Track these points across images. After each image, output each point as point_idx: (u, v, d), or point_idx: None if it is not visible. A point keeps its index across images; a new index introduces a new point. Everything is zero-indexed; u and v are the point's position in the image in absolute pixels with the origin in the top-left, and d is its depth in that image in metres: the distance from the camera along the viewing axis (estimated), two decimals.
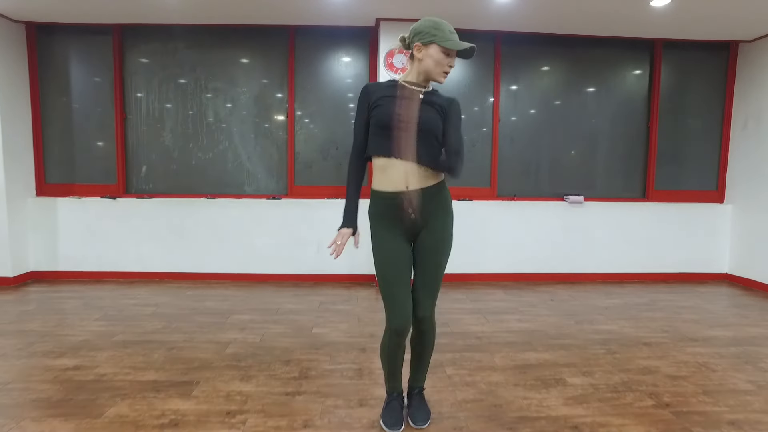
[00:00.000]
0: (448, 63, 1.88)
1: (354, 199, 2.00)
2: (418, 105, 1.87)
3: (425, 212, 1.91)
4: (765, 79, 4.62)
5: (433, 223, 1.94)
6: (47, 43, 4.64)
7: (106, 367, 2.65)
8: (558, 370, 2.71)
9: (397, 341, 1.94)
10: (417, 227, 1.93)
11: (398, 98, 1.87)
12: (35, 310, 3.68)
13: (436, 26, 1.85)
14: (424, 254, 1.95)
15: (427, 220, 1.92)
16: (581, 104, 5.00)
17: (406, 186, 1.87)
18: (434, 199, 1.92)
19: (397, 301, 1.89)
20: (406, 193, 1.87)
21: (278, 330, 3.32)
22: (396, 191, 1.88)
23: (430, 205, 1.91)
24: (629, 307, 4.00)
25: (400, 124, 1.83)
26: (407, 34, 1.93)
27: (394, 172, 1.87)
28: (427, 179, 1.89)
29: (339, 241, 1.95)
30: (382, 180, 1.90)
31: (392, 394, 2.12)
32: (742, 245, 4.90)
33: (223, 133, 4.80)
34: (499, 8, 4.03)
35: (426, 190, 1.89)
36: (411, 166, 1.86)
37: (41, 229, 4.65)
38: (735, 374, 2.68)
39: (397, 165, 1.86)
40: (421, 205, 1.89)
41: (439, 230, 1.95)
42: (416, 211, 1.89)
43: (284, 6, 4.08)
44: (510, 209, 4.83)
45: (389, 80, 1.98)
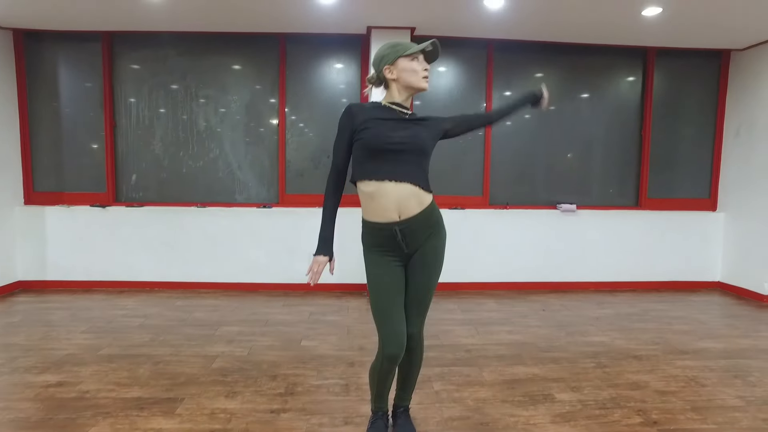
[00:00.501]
0: (422, 68, 1.88)
1: (330, 225, 1.96)
2: (409, 125, 1.86)
3: (418, 236, 1.88)
4: (757, 88, 4.62)
5: (426, 245, 1.90)
6: (35, 50, 4.61)
7: (90, 384, 2.61)
8: (547, 386, 2.69)
9: (389, 367, 1.90)
10: (411, 251, 1.89)
11: (388, 120, 1.85)
12: (21, 322, 3.64)
13: (393, 45, 1.88)
14: (416, 275, 1.91)
15: (420, 243, 1.89)
16: (574, 111, 4.99)
17: (398, 215, 1.82)
18: (427, 222, 1.88)
19: (391, 328, 1.86)
20: (399, 223, 1.83)
21: (266, 343, 3.29)
22: (389, 222, 1.83)
23: (423, 228, 1.88)
24: (621, 318, 3.99)
25: (395, 146, 1.81)
26: (369, 75, 1.97)
27: (384, 201, 1.82)
28: (419, 203, 1.85)
29: (315, 268, 1.92)
30: (373, 210, 1.85)
31: (377, 413, 2.09)
32: (734, 253, 4.89)
33: (213, 141, 4.77)
34: (491, 16, 4.01)
35: (418, 216, 1.85)
36: (405, 190, 1.82)
37: (29, 238, 4.61)
38: (724, 389, 2.66)
39: (390, 190, 1.81)
40: (414, 232, 1.86)
41: (431, 253, 1.91)
42: (409, 242, 1.86)
43: (275, 14, 4.05)
44: (502, 217, 4.82)
45: (373, 102, 1.95)
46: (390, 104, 1.90)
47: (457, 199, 4.82)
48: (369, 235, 1.90)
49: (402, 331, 1.87)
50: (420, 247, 1.89)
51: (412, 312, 1.94)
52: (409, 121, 1.88)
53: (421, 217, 1.86)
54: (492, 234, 4.80)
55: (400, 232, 1.83)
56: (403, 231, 1.83)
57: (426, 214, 1.88)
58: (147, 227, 4.65)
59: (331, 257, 1.96)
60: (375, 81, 1.96)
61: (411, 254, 1.91)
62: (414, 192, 1.83)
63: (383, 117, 1.86)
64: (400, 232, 1.83)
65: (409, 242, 1.86)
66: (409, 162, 1.83)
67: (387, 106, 1.90)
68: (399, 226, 1.83)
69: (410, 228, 1.84)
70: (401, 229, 1.83)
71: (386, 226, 1.84)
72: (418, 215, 1.85)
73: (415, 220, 1.84)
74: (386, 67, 1.88)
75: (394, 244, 1.86)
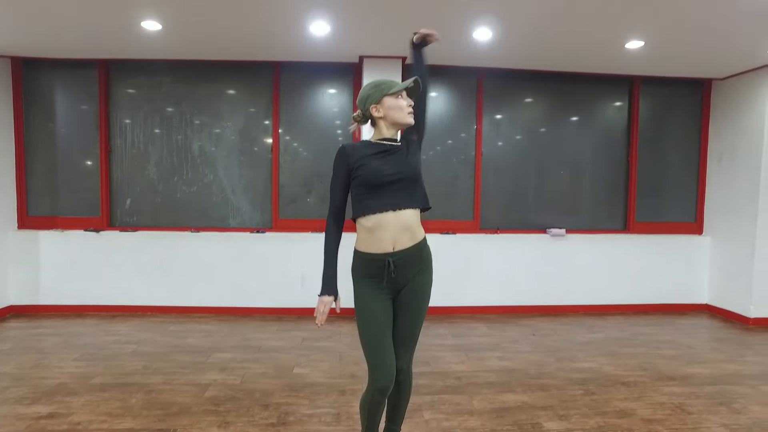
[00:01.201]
0: (407, 104, 1.97)
1: (333, 264, 2.00)
2: (401, 155, 1.96)
3: (408, 270, 1.94)
4: (737, 116, 4.75)
5: (414, 281, 1.97)
6: (33, 77, 4.67)
7: (82, 415, 2.62)
8: (535, 414, 2.73)
9: (380, 399, 1.95)
10: (399, 285, 1.96)
11: (381, 155, 1.94)
12: (11, 350, 3.64)
13: (377, 84, 1.98)
14: (404, 311, 1.97)
15: (410, 278, 1.95)
16: (563, 138, 5.10)
17: (392, 247, 1.90)
18: (418, 257, 1.96)
19: (381, 361, 1.90)
20: (392, 254, 1.90)
21: (259, 370, 3.31)
22: (382, 253, 1.90)
23: (414, 262, 1.95)
24: (610, 342, 4.04)
25: (391, 177, 1.90)
26: (355, 113, 2.06)
27: (382, 233, 1.90)
28: (412, 238, 1.93)
29: (321, 309, 1.97)
30: (369, 242, 1.92)
31: None
32: (720, 276, 4.98)
33: (208, 167, 4.83)
34: (480, 47, 4.12)
35: (411, 249, 1.93)
36: (404, 216, 1.90)
37: (22, 263, 4.62)
38: (709, 417, 2.71)
39: (390, 220, 1.89)
40: (404, 266, 1.92)
41: (419, 289, 1.98)
42: (399, 274, 1.92)
43: (270, 43, 4.15)
44: (493, 242, 4.88)
45: (363, 141, 2.03)
46: (381, 140, 1.98)
47: (448, 224, 4.89)
48: (361, 266, 1.96)
49: (392, 362, 1.92)
50: (408, 282, 1.95)
51: (400, 347, 1.98)
52: (399, 150, 1.98)
53: (413, 251, 1.93)
54: (483, 258, 4.86)
55: (393, 263, 1.89)
56: (396, 262, 1.90)
57: (417, 249, 1.95)
58: (141, 252, 4.67)
59: (336, 296, 2.01)
60: (361, 119, 2.05)
61: (399, 290, 1.96)
62: (405, 223, 1.91)
63: (376, 152, 1.95)
64: (392, 263, 1.89)
65: (399, 274, 1.92)
66: (407, 189, 1.93)
67: (377, 143, 1.98)
68: (392, 257, 1.89)
69: (402, 260, 1.91)
70: (394, 261, 1.89)
71: (379, 257, 1.90)
72: (410, 248, 1.92)
73: (407, 252, 1.92)
74: (373, 106, 1.97)
75: (383, 274, 1.91)
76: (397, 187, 1.90)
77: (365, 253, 1.94)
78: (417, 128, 2.07)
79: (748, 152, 4.63)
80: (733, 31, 3.59)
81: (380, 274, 1.92)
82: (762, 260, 4.53)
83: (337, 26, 3.68)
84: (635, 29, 3.65)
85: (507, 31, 3.74)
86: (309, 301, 4.67)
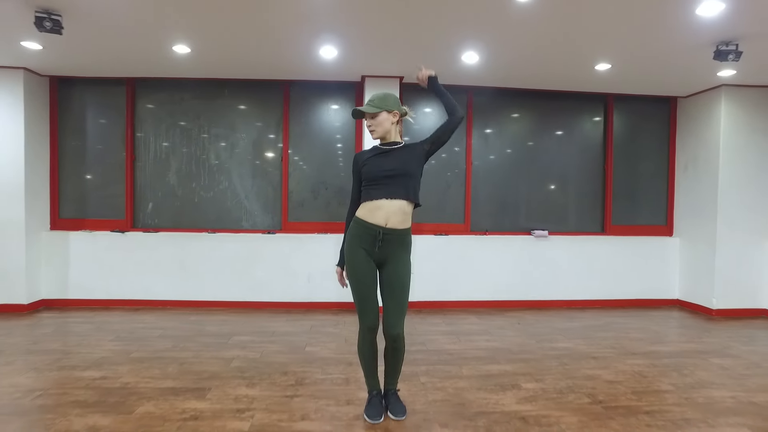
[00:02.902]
0: (367, 125, 2.55)
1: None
2: (397, 155, 2.50)
3: (390, 250, 2.47)
4: (698, 130, 5.32)
5: (394, 259, 2.49)
6: (67, 94, 5.19)
7: (129, 378, 3.07)
8: (515, 378, 3.20)
9: (370, 338, 2.48)
10: (382, 258, 2.48)
11: (380, 155, 2.49)
12: (54, 333, 4.09)
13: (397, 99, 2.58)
14: (391, 280, 2.48)
15: (390, 257, 2.48)
16: (546, 150, 5.65)
17: (385, 223, 2.43)
18: (401, 240, 2.49)
19: (367, 305, 2.46)
20: (384, 229, 2.43)
21: (275, 348, 3.77)
22: (376, 225, 2.43)
23: (396, 245, 2.47)
24: (586, 329, 4.52)
25: (387, 173, 2.44)
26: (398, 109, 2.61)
27: (379, 212, 2.44)
28: (402, 222, 2.46)
29: (338, 277, 2.62)
30: (369, 215, 2.46)
31: (372, 392, 2.60)
32: (688, 274, 5.49)
33: (223, 174, 5.33)
34: (469, 68, 4.67)
35: (397, 231, 2.45)
36: (396, 204, 2.43)
37: (54, 261, 5.07)
38: (661, 379, 3.19)
39: (385, 204, 2.43)
40: (389, 241, 2.44)
41: (400, 264, 2.50)
42: (382, 245, 2.44)
43: (281, 64, 4.68)
44: (482, 243, 5.39)
45: (369, 148, 2.60)
46: (383, 144, 2.54)
47: (442, 227, 5.40)
48: (357, 228, 2.49)
49: (374, 309, 2.47)
50: (389, 257, 2.48)
51: (393, 316, 2.46)
52: (396, 151, 2.51)
53: (399, 233, 2.47)
54: (473, 257, 5.36)
55: (382, 234, 2.42)
56: (384, 236, 2.43)
57: (402, 234, 2.49)
58: (161, 251, 5.14)
59: (343, 267, 2.60)
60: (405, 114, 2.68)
61: (382, 263, 2.49)
62: (398, 208, 2.44)
63: (377, 153, 2.53)
64: (381, 234, 2.42)
65: (382, 246, 2.45)
66: (399, 181, 2.46)
67: (379, 147, 2.57)
68: (383, 230, 2.42)
69: (389, 236, 2.44)
70: (383, 233, 2.42)
71: (373, 227, 2.44)
72: (397, 230, 2.46)
73: (395, 232, 2.45)
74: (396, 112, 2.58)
75: (372, 243, 2.44)
76: (392, 180, 2.45)
77: (364, 221, 2.46)
78: (435, 142, 2.57)
79: (707, 161, 5.19)
80: (687, 58, 4.15)
81: (368, 241, 2.44)
82: (722, 258, 5.05)
83: (342, 49, 4.22)
84: (602, 54, 4.21)
85: (492, 55, 4.29)
86: (315, 296, 5.16)
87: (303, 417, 2.56)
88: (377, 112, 2.49)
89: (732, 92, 5.00)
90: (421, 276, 5.08)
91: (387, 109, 2.50)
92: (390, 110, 2.51)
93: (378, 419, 2.51)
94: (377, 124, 2.50)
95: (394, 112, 2.52)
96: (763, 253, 5.12)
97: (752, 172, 5.07)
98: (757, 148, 5.07)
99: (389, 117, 2.51)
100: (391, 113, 2.52)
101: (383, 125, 2.51)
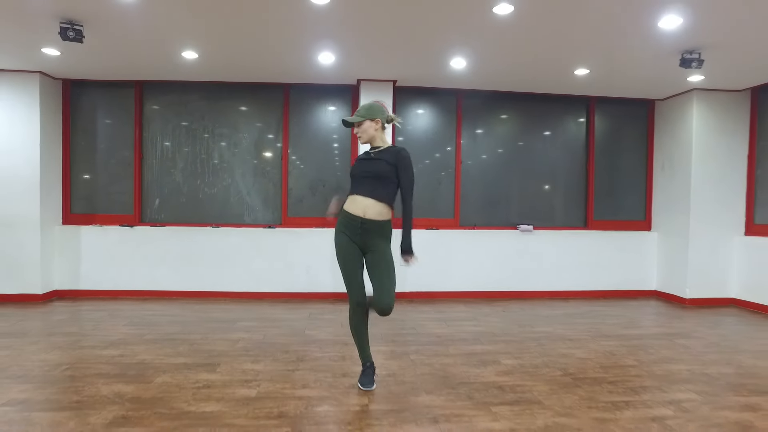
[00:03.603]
0: (354, 131, 2.94)
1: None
2: (376, 161, 2.84)
3: (370, 239, 2.80)
4: (674, 131, 5.67)
5: (375, 247, 2.81)
6: (79, 96, 5.49)
7: (145, 355, 3.38)
8: (496, 356, 3.53)
9: (359, 311, 2.84)
10: (364, 245, 2.81)
11: (364, 160, 2.89)
12: (69, 319, 4.39)
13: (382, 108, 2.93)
14: (375, 264, 2.80)
15: (371, 245, 2.81)
16: (531, 150, 5.99)
17: (363, 214, 2.78)
18: (380, 231, 2.81)
19: (353, 284, 2.81)
20: (362, 219, 2.78)
21: (277, 332, 4.09)
22: (356, 215, 2.79)
23: (375, 234, 2.80)
24: (567, 316, 4.86)
25: (363, 174, 2.83)
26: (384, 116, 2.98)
27: (356, 205, 2.81)
28: (379, 214, 2.79)
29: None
30: (350, 207, 2.83)
31: (366, 364, 2.92)
32: (665, 266, 5.84)
33: (226, 172, 5.64)
34: (457, 73, 5.00)
35: (375, 221, 2.78)
36: (367, 201, 2.79)
37: (66, 253, 5.37)
38: (628, 356, 3.53)
39: (359, 200, 2.81)
40: (367, 230, 2.78)
41: (381, 250, 2.82)
42: (362, 233, 2.78)
43: (282, 68, 4.99)
44: (471, 237, 5.71)
45: (365, 152, 2.96)
46: (372, 150, 2.90)
47: (432, 221, 5.72)
48: (343, 217, 2.86)
49: (361, 286, 2.83)
50: (371, 245, 2.81)
51: (381, 289, 2.75)
52: (375, 158, 2.84)
53: (376, 223, 2.79)
54: (462, 251, 5.69)
55: (361, 224, 2.77)
56: (363, 225, 2.77)
57: (381, 224, 2.81)
58: (168, 244, 5.45)
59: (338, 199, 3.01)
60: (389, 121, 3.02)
61: (365, 250, 2.83)
62: (372, 204, 2.78)
63: (364, 158, 2.91)
64: (361, 224, 2.77)
65: (362, 234, 2.78)
66: (370, 184, 2.80)
67: (368, 152, 2.92)
68: (361, 220, 2.77)
69: (367, 226, 2.78)
70: (362, 223, 2.77)
71: (355, 218, 2.79)
72: (374, 220, 2.78)
73: (372, 222, 2.78)
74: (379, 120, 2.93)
75: (354, 230, 2.79)
76: (367, 180, 2.81)
77: (347, 212, 2.84)
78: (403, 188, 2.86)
79: (681, 160, 5.54)
80: (657, 64, 4.49)
81: (352, 228, 2.80)
82: (694, 250, 5.40)
83: (339, 55, 4.53)
84: (580, 61, 4.55)
85: (478, 60, 4.61)
86: (313, 287, 5.48)
87: (304, 386, 2.88)
88: (361, 121, 2.85)
89: (703, 96, 5.35)
90: (412, 268, 5.40)
91: (370, 117, 2.84)
92: (373, 118, 2.85)
93: (370, 387, 2.84)
94: (362, 131, 2.87)
95: (377, 120, 2.86)
96: (733, 246, 5.47)
97: (722, 171, 5.43)
98: (726, 148, 5.42)
99: (372, 125, 2.85)
100: (374, 121, 2.85)
101: (368, 132, 2.86)
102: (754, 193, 5.39)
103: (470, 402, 2.69)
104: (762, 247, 5.16)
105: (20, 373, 3.01)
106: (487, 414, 2.54)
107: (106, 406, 2.54)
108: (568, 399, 2.75)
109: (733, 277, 5.48)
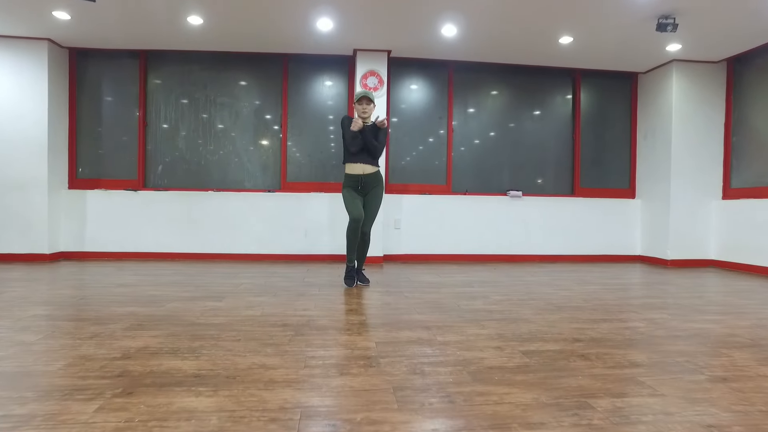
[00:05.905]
0: (362, 110, 3.73)
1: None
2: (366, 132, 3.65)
3: (368, 186, 3.68)
4: (655, 102, 5.94)
5: (372, 192, 3.78)
6: (84, 65, 5.68)
7: (155, 292, 3.60)
8: (486, 293, 3.77)
9: (355, 225, 3.63)
10: (364, 192, 3.66)
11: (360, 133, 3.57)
12: (79, 271, 4.59)
13: (355, 95, 3.71)
14: (369, 203, 3.75)
15: (369, 191, 3.71)
16: (521, 120, 6.24)
17: (362, 172, 3.61)
18: (375, 180, 3.76)
19: (354, 207, 3.78)
20: (362, 176, 3.63)
21: (278, 279, 4.31)
22: (357, 174, 3.64)
23: (371, 183, 3.72)
24: (554, 272, 5.11)
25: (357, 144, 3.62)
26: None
27: (356, 167, 3.70)
28: (372, 168, 3.62)
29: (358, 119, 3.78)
30: (350, 169, 3.72)
31: (349, 265, 3.77)
32: (649, 231, 6.11)
33: (227, 139, 5.85)
34: (448, 41, 5.24)
35: (370, 175, 3.70)
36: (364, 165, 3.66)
37: (72, 217, 5.56)
38: (608, 294, 3.79)
39: (359, 164, 3.64)
40: (366, 183, 3.58)
41: (376, 195, 3.86)
42: (363, 186, 3.60)
43: (281, 38, 5.22)
44: (463, 202, 5.96)
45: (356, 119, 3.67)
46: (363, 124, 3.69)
47: (425, 187, 5.96)
48: (347, 178, 3.72)
49: (359, 209, 3.67)
50: (369, 192, 3.67)
51: (368, 218, 3.75)
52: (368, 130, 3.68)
53: (372, 177, 3.68)
54: (454, 215, 5.93)
55: (362, 180, 3.61)
56: (363, 180, 3.60)
57: (374, 176, 3.68)
58: (171, 208, 5.65)
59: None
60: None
61: (364, 195, 3.66)
62: (368, 165, 3.65)
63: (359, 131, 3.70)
64: (361, 180, 3.59)
65: (363, 186, 3.67)
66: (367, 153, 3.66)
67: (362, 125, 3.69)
68: (362, 177, 3.61)
69: (366, 180, 3.64)
70: (362, 179, 3.61)
71: (356, 176, 3.67)
72: (370, 175, 3.67)
73: (369, 177, 3.67)
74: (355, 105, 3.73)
75: (357, 186, 3.62)
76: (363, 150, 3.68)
77: (350, 174, 3.72)
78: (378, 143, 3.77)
79: (662, 129, 5.81)
80: (635, 31, 4.75)
81: (354, 185, 3.67)
82: (675, 215, 5.67)
83: (337, 21, 4.76)
84: (563, 27, 4.80)
85: (468, 28, 4.86)
86: (311, 249, 5.69)
87: (305, 309, 3.11)
88: (374, 104, 3.85)
89: (681, 68, 5.62)
90: (407, 231, 5.66)
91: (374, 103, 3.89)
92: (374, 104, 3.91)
93: (351, 284, 3.90)
94: (371, 110, 3.77)
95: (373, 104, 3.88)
96: (711, 210, 5.75)
97: (701, 138, 5.70)
98: (705, 117, 5.70)
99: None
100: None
101: (372, 113, 3.75)
102: (731, 160, 5.67)
103: (461, 319, 2.93)
104: (738, 210, 5.44)
105: (40, 300, 3.22)
106: (477, 325, 2.78)
107: (122, 319, 2.76)
108: (551, 317, 2.99)
109: (712, 239, 5.76)
